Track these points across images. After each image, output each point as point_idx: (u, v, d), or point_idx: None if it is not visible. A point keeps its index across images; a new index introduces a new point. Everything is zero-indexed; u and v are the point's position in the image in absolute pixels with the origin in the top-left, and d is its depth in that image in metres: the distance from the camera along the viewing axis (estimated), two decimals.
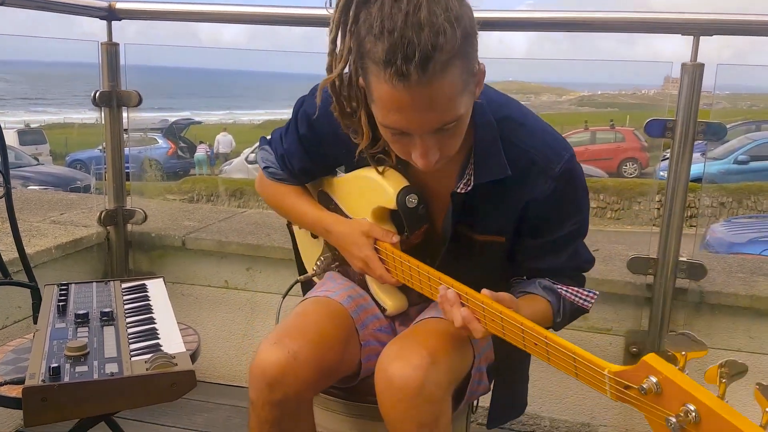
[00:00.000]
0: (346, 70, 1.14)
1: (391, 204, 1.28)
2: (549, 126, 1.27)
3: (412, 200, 1.27)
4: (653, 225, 2.13)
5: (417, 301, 1.44)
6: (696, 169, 1.95)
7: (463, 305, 1.15)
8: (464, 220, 1.27)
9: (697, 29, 1.81)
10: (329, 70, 1.14)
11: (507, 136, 1.21)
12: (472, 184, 1.22)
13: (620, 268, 2.04)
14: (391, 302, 1.39)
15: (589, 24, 1.95)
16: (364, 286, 1.44)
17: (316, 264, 1.55)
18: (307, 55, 1.59)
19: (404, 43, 0.98)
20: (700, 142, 1.90)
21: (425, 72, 0.99)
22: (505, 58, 1.47)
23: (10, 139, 17.60)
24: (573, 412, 2.14)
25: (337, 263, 1.52)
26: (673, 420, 0.91)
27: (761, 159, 14.04)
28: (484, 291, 1.14)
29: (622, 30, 1.97)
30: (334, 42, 1.12)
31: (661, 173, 2.25)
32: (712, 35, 1.82)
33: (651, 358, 0.94)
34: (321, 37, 1.43)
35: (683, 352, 0.94)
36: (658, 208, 2.09)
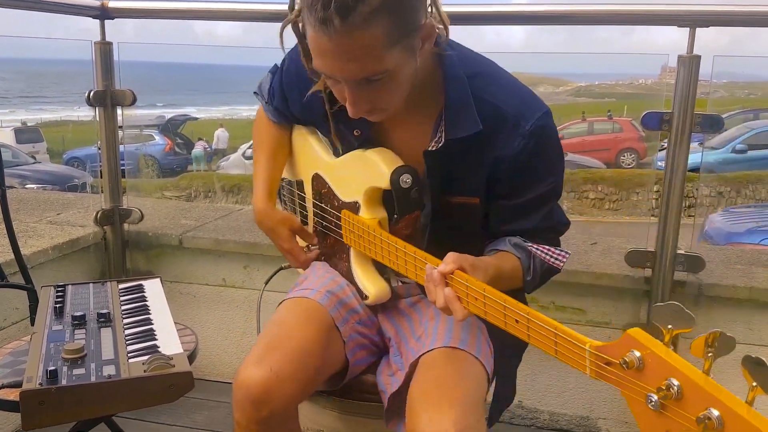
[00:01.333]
0: None
1: (385, 183, 1.27)
2: (524, 85, 1.26)
3: (406, 180, 1.26)
4: (651, 215, 2.12)
5: (404, 294, 1.44)
6: (694, 158, 1.94)
7: (447, 284, 1.12)
8: (439, 182, 1.26)
9: (693, 21, 1.80)
10: (291, 8, 1.21)
11: (478, 92, 1.21)
12: (443, 141, 1.22)
13: (618, 262, 2.04)
14: (373, 289, 1.38)
15: (584, 17, 1.94)
16: (348, 275, 1.43)
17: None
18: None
19: None
20: (699, 135, 1.89)
21: (345, 21, 1.02)
22: (502, 52, 1.46)
23: (7, 137, 17.59)
24: (572, 406, 2.14)
25: (322, 256, 1.53)
26: (654, 398, 0.86)
27: (759, 148, 14.04)
28: (450, 255, 1.12)
29: (618, 23, 1.96)
30: None
31: (659, 163, 2.24)
32: (708, 26, 1.81)
33: (635, 332, 0.89)
34: None
35: (669, 326, 0.88)
36: (656, 199, 2.09)
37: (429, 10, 1.16)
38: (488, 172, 1.24)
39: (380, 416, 1.37)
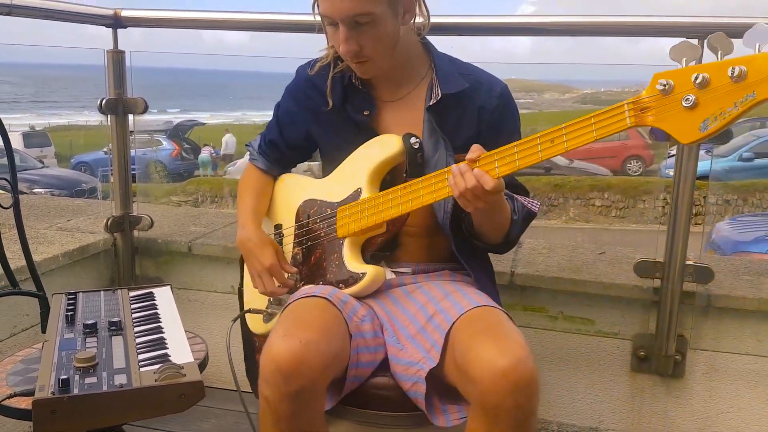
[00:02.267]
0: None
1: (397, 147, 1.47)
2: None
3: (414, 142, 1.47)
4: (659, 223, 2.12)
5: (397, 284, 1.53)
6: (702, 166, 1.94)
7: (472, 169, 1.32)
8: (442, 137, 1.48)
9: (701, 33, 1.80)
10: None
11: (457, 69, 1.53)
12: (440, 95, 1.47)
13: (627, 272, 2.04)
14: (371, 269, 1.47)
15: (593, 29, 1.94)
16: (338, 274, 1.50)
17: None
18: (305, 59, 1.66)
19: None
20: (706, 144, 1.89)
21: None
22: (509, 63, 1.52)
23: (15, 141, 17.69)
24: (581, 417, 2.14)
25: (302, 281, 1.58)
26: (691, 96, 1.11)
27: (766, 156, 13.98)
28: (474, 145, 1.33)
29: (626, 34, 1.96)
30: None
31: (666, 171, 2.23)
32: None
33: (659, 74, 1.15)
34: (320, 40, 1.59)
35: (683, 59, 1.15)
36: (663, 206, 2.09)
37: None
38: (476, 122, 1.50)
39: (391, 425, 1.38)
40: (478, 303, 1.36)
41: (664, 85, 1.14)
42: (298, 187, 1.67)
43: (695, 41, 1.17)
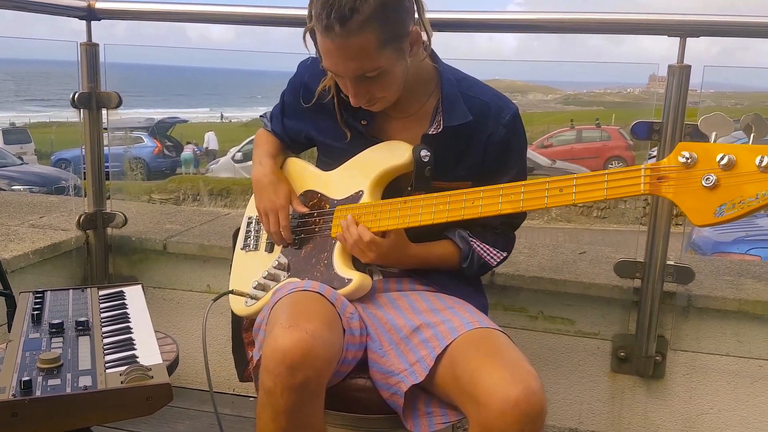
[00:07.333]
0: None
1: (406, 158, 1.45)
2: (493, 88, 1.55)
3: (425, 155, 1.44)
4: (640, 224, 2.12)
5: (382, 289, 1.52)
6: None
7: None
8: (437, 168, 1.46)
9: (683, 31, 1.79)
10: (309, 19, 1.38)
11: (467, 91, 1.47)
12: (442, 126, 1.44)
13: (607, 272, 2.03)
14: (357, 276, 1.45)
15: (576, 26, 1.93)
16: (326, 274, 1.48)
17: (261, 277, 1.59)
18: (293, 55, 1.61)
19: (330, 3, 1.26)
20: None
21: (344, 27, 1.26)
22: (494, 60, 1.48)
23: None
24: (560, 417, 2.12)
25: (288, 273, 1.55)
26: (712, 176, 1.06)
27: None
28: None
29: (609, 32, 1.95)
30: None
31: None
32: (698, 36, 1.80)
33: (683, 144, 1.12)
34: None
35: (713, 132, 1.10)
36: (644, 207, 2.08)
37: (416, 17, 1.39)
38: (482, 152, 1.46)
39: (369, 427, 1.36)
40: (474, 325, 1.34)
41: (687, 158, 1.09)
42: (303, 174, 1.64)
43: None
